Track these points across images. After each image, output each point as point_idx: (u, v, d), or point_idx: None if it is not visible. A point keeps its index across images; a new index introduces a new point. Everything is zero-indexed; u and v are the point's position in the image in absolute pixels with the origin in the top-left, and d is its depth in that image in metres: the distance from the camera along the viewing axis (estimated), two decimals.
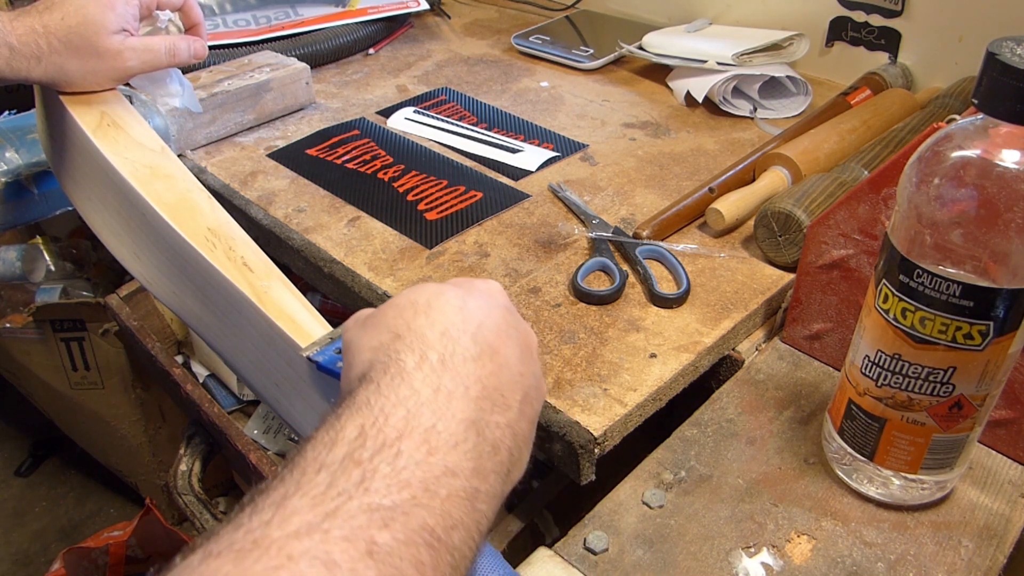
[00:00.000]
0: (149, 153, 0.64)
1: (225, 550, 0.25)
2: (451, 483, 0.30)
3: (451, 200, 0.79)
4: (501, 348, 0.36)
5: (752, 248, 0.71)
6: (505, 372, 0.35)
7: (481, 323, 0.36)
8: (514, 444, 0.34)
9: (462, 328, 0.35)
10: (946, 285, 0.41)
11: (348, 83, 1.06)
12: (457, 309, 0.36)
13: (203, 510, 0.73)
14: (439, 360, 0.33)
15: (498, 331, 0.36)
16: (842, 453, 0.52)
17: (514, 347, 0.37)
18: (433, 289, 0.37)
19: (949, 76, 0.92)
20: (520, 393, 0.36)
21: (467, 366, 0.34)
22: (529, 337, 0.39)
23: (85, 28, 0.64)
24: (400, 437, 0.30)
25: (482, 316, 0.36)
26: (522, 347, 0.38)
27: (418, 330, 0.35)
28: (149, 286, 0.64)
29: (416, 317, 0.36)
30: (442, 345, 0.34)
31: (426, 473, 0.29)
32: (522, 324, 0.39)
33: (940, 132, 0.43)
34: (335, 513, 0.27)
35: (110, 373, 1.18)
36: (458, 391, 0.33)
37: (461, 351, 0.34)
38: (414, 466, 0.29)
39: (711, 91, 0.94)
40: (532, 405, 0.37)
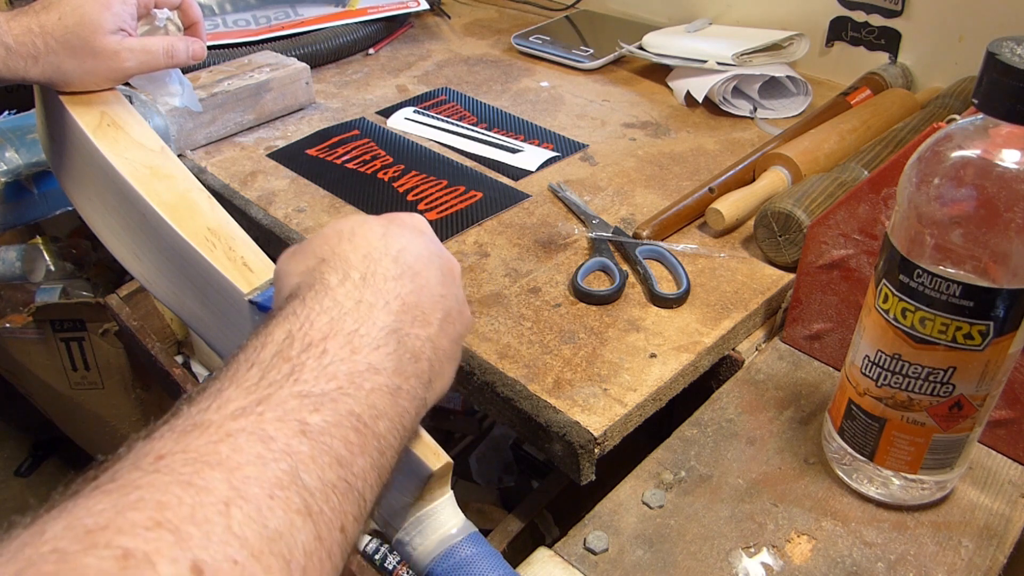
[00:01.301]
0: (149, 153, 0.64)
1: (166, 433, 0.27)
2: (374, 378, 0.32)
3: (451, 200, 0.79)
4: (422, 271, 0.38)
5: (752, 248, 0.71)
6: (425, 292, 0.37)
7: (403, 248, 0.38)
8: (434, 356, 0.37)
9: (383, 251, 0.37)
10: (946, 285, 0.41)
11: (348, 83, 1.06)
12: (380, 236, 0.38)
13: None
14: (360, 278, 0.36)
15: (419, 256, 0.39)
16: (842, 453, 0.52)
17: (435, 271, 0.39)
18: (358, 219, 0.40)
19: (949, 76, 0.92)
20: (441, 312, 0.38)
21: (388, 284, 0.36)
22: (451, 263, 0.41)
23: (82, 28, 0.64)
24: (325, 338, 0.32)
25: (404, 242, 0.39)
26: (444, 272, 0.40)
27: (342, 254, 0.37)
28: (149, 286, 0.64)
29: (340, 243, 0.38)
30: (364, 265, 0.36)
31: (351, 368, 0.32)
32: (445, 253, 0.41)
33: (940, 132, 0.43)
34: (268, 399, 0.29)
35: (110, 373, 1.18)
36: (379, 303, 0.35)
37: (382, 271, 0.36)
38: (339, 362, 0.32)
39: (711, 91, 0.94)
40: (454, 325, 0.39)
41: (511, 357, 0.60)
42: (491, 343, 0.61)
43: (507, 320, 0.64)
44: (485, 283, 0.68)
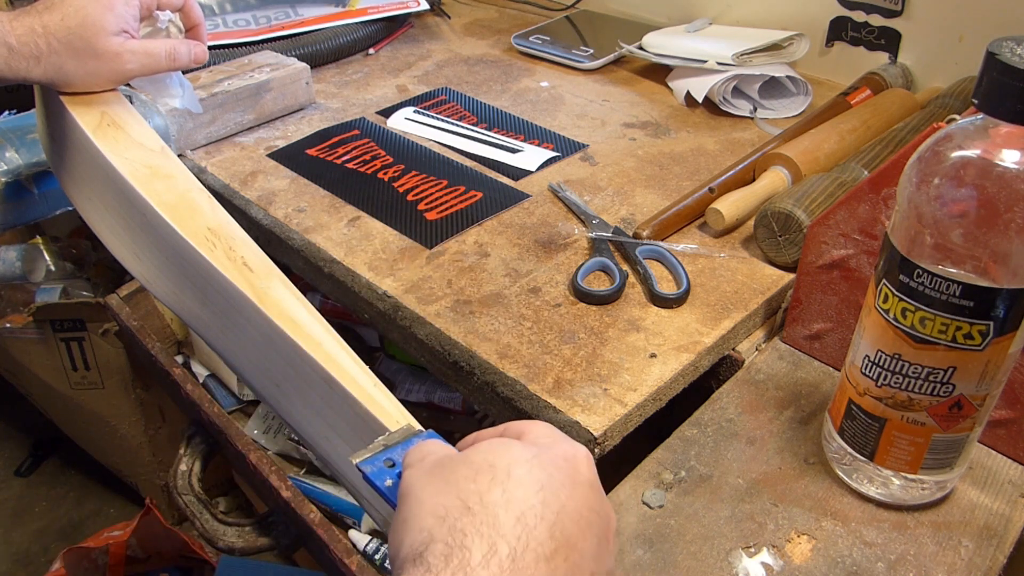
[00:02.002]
0: (149, 153, 0.64)
1: None
2: None
3: (451, 200, 0.79)
4: (579, 543, 0.32)
5: (752, 248, 0.71)
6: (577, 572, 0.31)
7: (563, 508, 0.32)
8: None
9: (541, 514, 0.31)
10: (946, 285, 0.41)
11: (348, 83, 1.06)
12: (538, 487, 0.32)
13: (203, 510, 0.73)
14: (509, 557, 0.29)
15: (579, 519, 0.32)
16: (842, 453, 0.52)
17: (592, 539, 0.33)
18: (516, 454, 0.33)
19: (949, 76, 0.92)
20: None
21: (539, 567, 0.30)
22: (609, 523, 0.35)
23: (84, 29, 0.64)
24: None
25: (564, 498, 0.32)
26: (600, 537, 0.33)
27: (491, 507, 0.31)
28: (149, 286, 0.64)
29: (492, 489, 0.31)
30: (515, 535, 0.30)
31: None
32: (604, 506, 0.35)
33: (940, 132, 0.43)
34: None
35: (110, 373, 1.18)
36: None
37: (535, 546, 0.30)
38: None
39: (711, 91, 0.94)
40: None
41: (511, 357, 0.60)
42: (491, 343, 0.61)
43: (507, 320, 0.64)
44: (485, 283, 0.68)
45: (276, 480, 0.65)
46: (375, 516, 0.48)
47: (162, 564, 1.21)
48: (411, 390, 1.02)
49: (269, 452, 1.05)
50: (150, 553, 1.19)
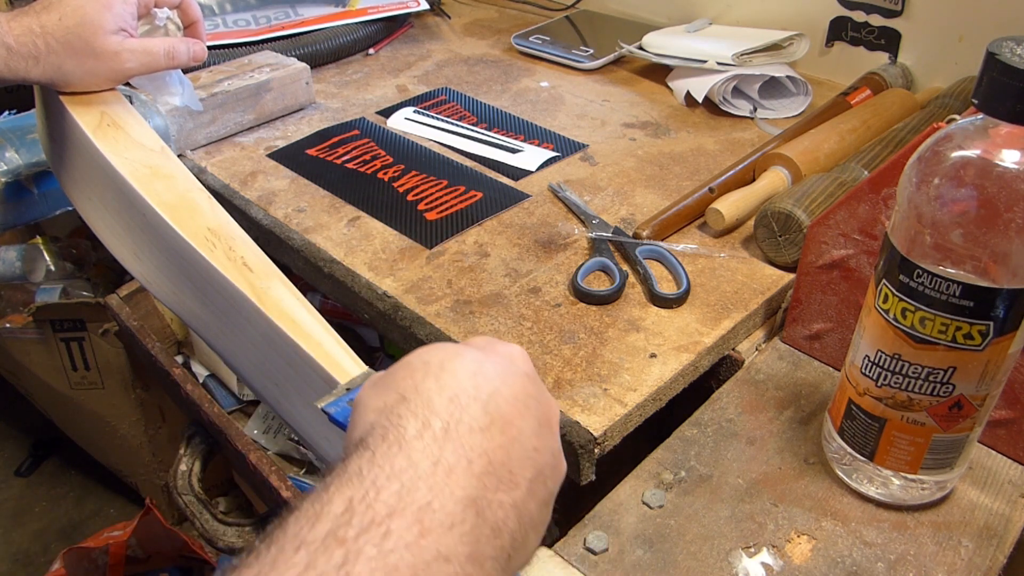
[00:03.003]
0: (149, 153, 0.64)
1: None
2: (443, 569, 0.27)
3: (451, 200, 0.79)
4: (515, 420, 0.33)
5: (752, 248, 0.71)
6: (516, 446, 0.32)
7: (496, 390, 0.33)
8: (518, 527, 0.32)
9: (473, 395, 0.32)
10: (946, 285, 0.41)
11: (348, 83, 1.06)
12: (471, 374, 0.33)
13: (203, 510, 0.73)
14: (443, 429, 0.31)
15: (514, 400, 0.33)
16: (842, 453, 0.52)
17: (530, 419, 0.34)
18: (449, 350, 0.35)
19: (949, 76, 0.92)
20: (532, 470, 0.33)
21: (473, 437, 0.31)
22: (550, 409, 0.36)
23: (82, 28, 0.64)
24: (391, 515, 0.28)
25: (498, 383, 0.34)
26: (540, 420, 0.35)
27: (425, 393, 0.32)
28: (149, 286, 0.64)
29: (426, 379, 0.33)
30: (448, 412, 0.32)
31: (416, 558, 0.27)
32: (544, 395, 0.36)
33: (940, 132, 0.43)
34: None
35: (110, 373, 1.18)
36: (460, 465, 0.30)
37: (468, 420, 0.32)
38: (403, 549, 0.27)
39: (711, 91, 0.94)
40: (545, 485, 0.34)
41: None
42: None
43: (507, 320, 0.64)
44: (485, 283, 0.68)
45: (276, 480, 0.65)
46: None
47: (162, 564, 1.21)
48: None
49: (269, 452, 1.05)
50: (150, 553, 1.19)
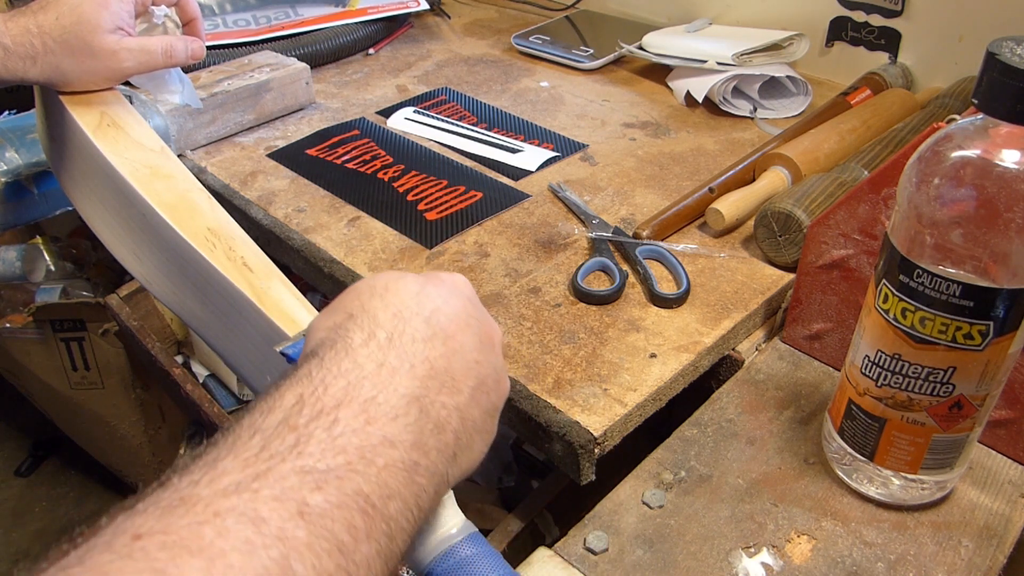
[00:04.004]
0: (149, 153, 0.64)
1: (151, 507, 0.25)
2: (389, 453, 0.29)
3: (451, 200, 0.79)
4: (456, 334, 0.36)
5: (752, 248, 0.71)
6: (458, 357, 0.35)
7: (437, 308, 0.36)
8: (462, 428, 0.34)
9: (416, 310, 0.35)
10: (946, 285, 0.41)
11: (348, 83, 1.06)
12: (414, 294, 0.36)
13: None
14: (387, 338, 0.33)
15: (455, 318, 0.36)
16: (842, 453, 0.52)
17: (471, 335, 0.36)
18: (394, 275, 0.38)
19: (949, 76, 0.92)
20: (473, 380, 0.35)
21: (415, 346, 0.34)
22: (491, 329, 0.39)
23: (80, 28, 0.64)
24: (338, 406, 0.30)
25: (439, 302, 0.36)
26: (481, 337, 0.37)
27: (371, 311, 0.35)
28: (149, 286, 0.64)
29: (371, 299, 0.36)
30: (392, 325, 0.34)
31: (363, 441, 0.29)
32: (485, 317, 0.39)
33: (940, 132, 0.43)
34: (266, 474, 0.26)
35: (110, 373, 1.18)
36: (403, 368, 0.33)
37: (411, 331, 0.34)
38: (351, 433, 0.29)
39: (711, 91, 0.94)
40: (488, 395, 0.37)
41: (511, 357, 0.60)
42: None
43: (507, 320, 0.64)
44: (485, 283, 0.68)
45: None
46: None
47: None
48: None
49: None
50: None
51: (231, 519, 0.25)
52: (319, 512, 0.26)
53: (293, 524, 0.25)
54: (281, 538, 0.25)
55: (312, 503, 0.26)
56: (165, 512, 0.25)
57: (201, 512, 0.25)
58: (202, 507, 0.25)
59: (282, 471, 0.27)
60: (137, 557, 0.23)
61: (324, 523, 0.26)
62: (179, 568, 0.23)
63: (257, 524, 0.25)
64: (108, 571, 0.22)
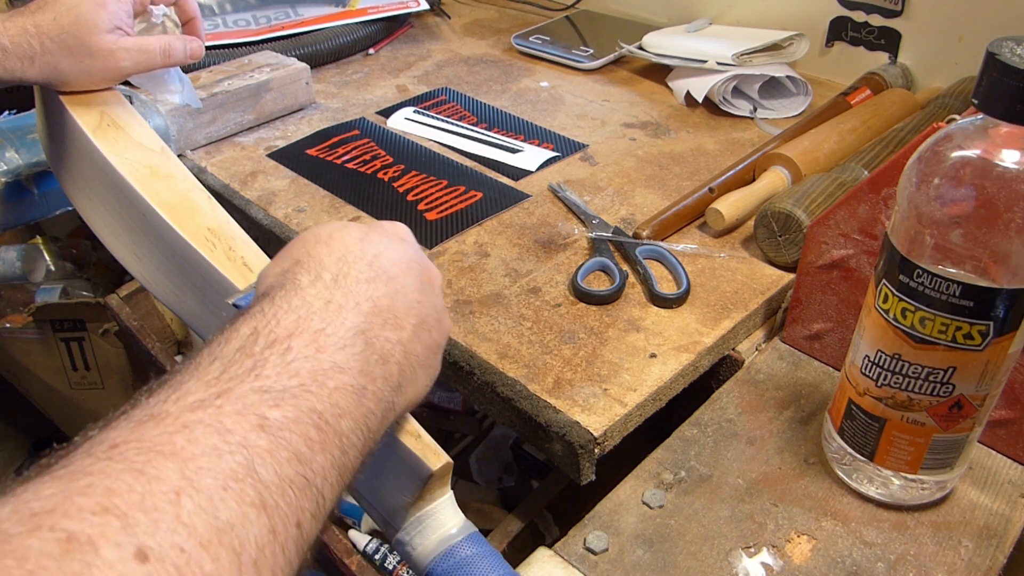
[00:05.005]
0: (149, 153, 0.64)
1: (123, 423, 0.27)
2: (339, 377, 0.32)
3: (451, 200, 0.79)
4: (398, 276, 0.38)
5: (752, 248, 0.71)
6: (400, 297, 0.37)
7: (380, 253, 0.38)
8: (405, 361, 0.37)
9: (359, 255, 0.38)
10: (946, 285, 0.41)
11: (348, 83, 1.06)
12: (357, 240, 0.38)
13: None
14: (332, 279, 0.36)
15: (396, 261, 0.39)
16: (842, 453, 0.52)
17: (412, 278, 0.39)
18: (337, 224, 0.40)
19: (949, 76, 0.92)
20: (415, 318, 0.38)
21: (360, 286, 0.36)
22: (431, 273, 0.41)
23: (77, 27, 0.64)
24: (290, 336, 0.32)
25: (382, 248, 0.39)
26: (422, 280, 0.40)
27: (317, 256, 0.37)
28: (149, 286, 0.64)
29: (317, 246, 0.38)
30: (337, 267, 0.36)
31: (314, 366, 0.32)
32: (425, 261, 0.41)
33: (940, 132, 0.43)
34: (227, 392, 0.29)
35: (110, 373, 1.18)
36: (348, 304, 0.35)
37: (355, 273, 0.37)
38: (303, 360, 0.32)
39: (711, 91, 0.94)
40: (429, 333, 0.39)
41: (511, 357, 0.60)
42: (491, 343, 0.61)
43: (507, 320, 0.64)
44: (485, 283, 0.68)
45: None
46: (375, 516, 0.48)
47: None
48: None
49: None
50: None
51: (199, 430, 0.27)
52: (278, 425, 0.29)
53: (255, 435, 0.28)
54: (244, 445, 0.27)
55: (271, 417, 0.29)
56: (137, 425, 0.27)
57: (171, 424, 0.27)
58: (171, 420, 0.27)
59: (242, 390, 0.29)
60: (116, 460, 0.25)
61: (283, 435, 0.29)
62: (156, 468, 0.25)
63: (222, 434, 0.27)
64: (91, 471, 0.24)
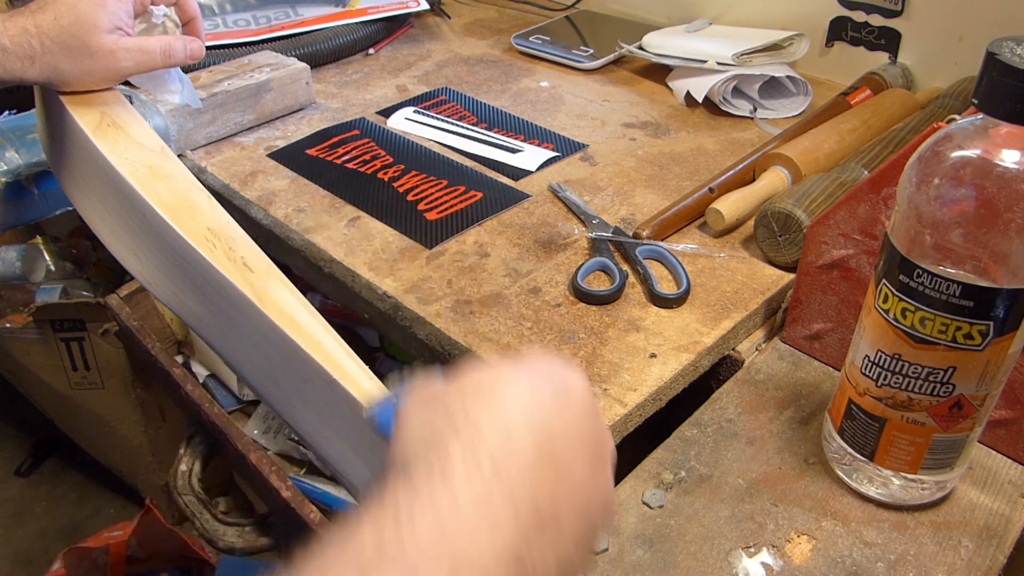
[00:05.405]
0: (149, 153, 0.64)
1: None
2: None
3: (451, 200, 0.79)
4: (569, 460, 0.31)
5: (752, 248, 0.71)
6: (566, 489, 0.31)
7: (552, 428, 0.31)
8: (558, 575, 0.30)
9: (526, 429, 0.30)
10: (946, 285, 0.41)
11: (348, 83, 1.06)
12: (526, 405, 0.31)
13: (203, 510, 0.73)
14: (493, 470, 0.29)
15: (568, 438, 0.31)
16: (842, 453, 0.52)
17: (585, 459, 0.32)
18: (503, 372, 0.33)
19: (949, 76, 0.92)
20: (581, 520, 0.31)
21: (523, 479, 0.29)
22: (605, 445, 0.34)
23: (77, 28, 0.64)
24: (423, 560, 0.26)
25: (555, 419, 0.31)
26: (595, 456, 0.33)
27: (475, 422, 0.30)
28: (149, 286, 0.64)
29: (477, 403, 0.31)
30: (499, 449, 0.30)
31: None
32: (600, 430, 0.34)
33: (940, 132, 0.43)
34: None
35: (110, 373, 1.18)
36: (506, 512, 0.28)
37: (519, 460, 0.30)
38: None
39: (711, 91, 0.94)
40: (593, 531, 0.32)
41: (511, 357, 0.60)
42: (491, 343, 0.61)
43: (507, 320, 0.64)
44: (485, 283, 0.68)
45: (276, 480, 0.65)
46: None
47: (162, 564, 1.20)
48: None
49: (269, 452, 1.05)
50: (150, 553, 1.19)
51: None
52: None
53: None
54: None
55: None
56: None
57: None
58: None
59: None
60: None
61: None
62: None
63: None
64: None
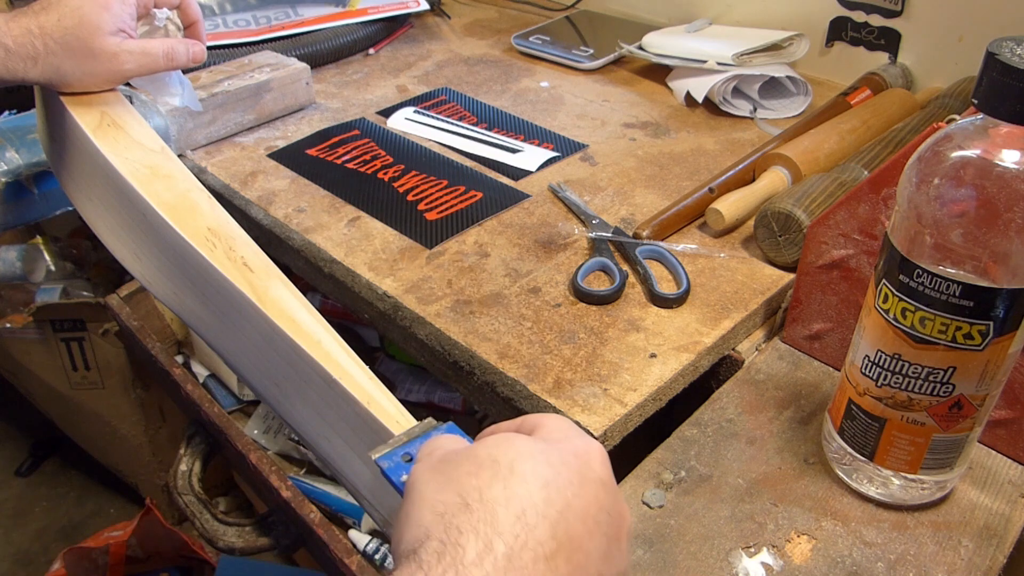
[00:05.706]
0: (149, 153, 0.64)
1: None
2: None
3: (451, 200, 0.79)
4: (584, 543, 0.30)
5: (752, 248, 0.71)
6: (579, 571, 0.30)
7: (568, 506, 0.31)
8: None
9: (543, 511, 0.30)
10: (946, 285, 0.41)
11: (348, 83, 1.06)
12: (542, 484, 0.31)
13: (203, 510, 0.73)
14: (505, 555, 0.28)
15: (586, 518, 0.31)
16: (842, 453, 0.52)
17: (600, 540, 0.31)
18: (521, 448, 0.32)
19: (949, 76, 0.92)
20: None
21: (537, 567, 0.28)
22: (621, 522, 0.33)
23: (81, 29, 0.64)
24: None
25: (570, 496, 0.31)
26: (611, 538, 0.32)
27: (490, 504, 0.30)
28: (149, 286, 0.64)
29: (493, 484, 0.30)
30: (513, 534, 0.29)
31: None
32: (617, 504, 0.33)
33: (940, 132, 0.43)
34: None
35: (110, 373, 1.18)
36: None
37: (534, 545, 0.29)
38: None
39: (711, 91, 0.94)
40: None
41: (511, 357, 0.60)
42: (491, 343, 0.61)
43: (507, 320, 0.64)
44: (485, 283, 0.68)
45: (276, 480, 0.65)
46: (375, 516, 0.48)
47: (162, 564, 1.21)
48: (411, 390, 1.02)
49: (269, 452, 1.05)
50: (150, 553, 1.19)
51: None
52: None
53: None
54: None
55: None
56: None
57: None
58: None
59: None
60: None
61: None
62: None
63: None
64: None
